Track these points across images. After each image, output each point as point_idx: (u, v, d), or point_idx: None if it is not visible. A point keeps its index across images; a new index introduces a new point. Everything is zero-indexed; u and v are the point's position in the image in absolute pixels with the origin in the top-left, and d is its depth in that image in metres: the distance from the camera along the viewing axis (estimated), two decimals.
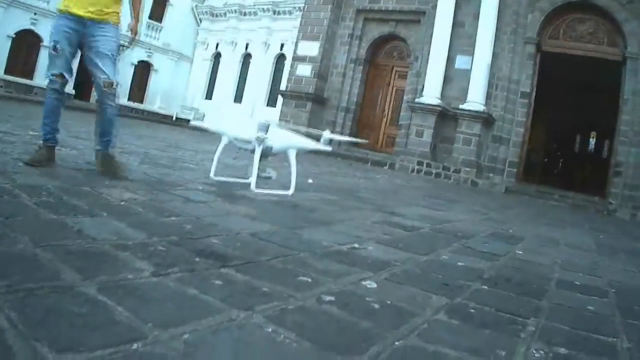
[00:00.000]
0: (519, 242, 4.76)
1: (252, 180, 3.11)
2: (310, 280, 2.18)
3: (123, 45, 4.56)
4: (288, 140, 3.39)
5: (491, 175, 17.62)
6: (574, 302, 2.67)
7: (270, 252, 2.54)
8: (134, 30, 4.62)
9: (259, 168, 3.47)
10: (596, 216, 13.36)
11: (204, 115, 5.80)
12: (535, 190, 17.27)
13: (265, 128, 3.01)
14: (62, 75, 4.17)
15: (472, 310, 2.16)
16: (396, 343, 1.64)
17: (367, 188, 8.14)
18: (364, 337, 1.64)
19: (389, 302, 2.06)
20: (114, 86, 4.17)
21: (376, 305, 1.99)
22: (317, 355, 1.44)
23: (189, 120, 30.73)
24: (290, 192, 3.46)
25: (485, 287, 2.63)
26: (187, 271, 1.98)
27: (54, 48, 4.09)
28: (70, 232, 2.29)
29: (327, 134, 3.51)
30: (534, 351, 1.79)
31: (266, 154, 3.33)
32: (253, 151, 3.22)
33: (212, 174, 3.48)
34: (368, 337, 1.64)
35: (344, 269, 2.47)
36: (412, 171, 17.51)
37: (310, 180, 6.65)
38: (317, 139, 4.17)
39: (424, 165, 17.61)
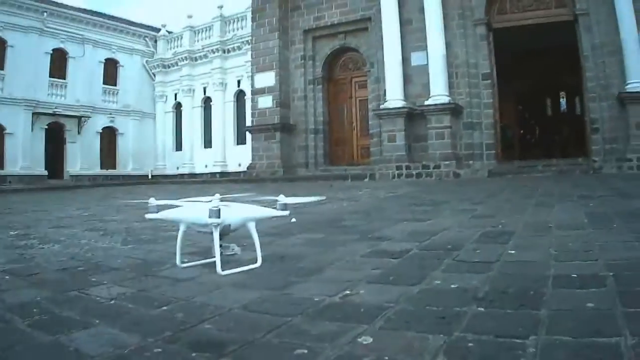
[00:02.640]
0: (510, 238, 4.78)
1: (217, 263, 3.10)
2: (306, 351, 2.16)
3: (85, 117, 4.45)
4: (243, 214, 3.37)
5: (471, 162, 17.77)
6: (573, 301, 2.66)
7: (264, 326, 2.51)
8: None
9: (221, 246, 3.46)
10: (583, 178, 13.45)
11: (157, 207, 5.86)
12: (517, 167, 17.45)
13: (217, 212, 3.01)
14: None
15: (471, 344, 2.15)
16: None
17: (351, 212, 8.13)
18: None
19: (386, 358, 2.06)
20: None
21: None
22: None
23: (165, 176, 30.76)
24: (258, 264, 3.45)
25: (482, 309, 2.62)
26: None
27: None
28: (68, 354, 2.25)
29: (281, 199, 3.51)
30: None
31: (226, 232, 3.32)
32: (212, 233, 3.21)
33: (178, 263, 3.47)
34: None
35: (339, 328, 2.45)
36: (393, 177, 17.61)
37: (293, 220, 6.63)
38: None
39: (403, 168, 17.73)
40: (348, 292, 3.13)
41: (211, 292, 3.29)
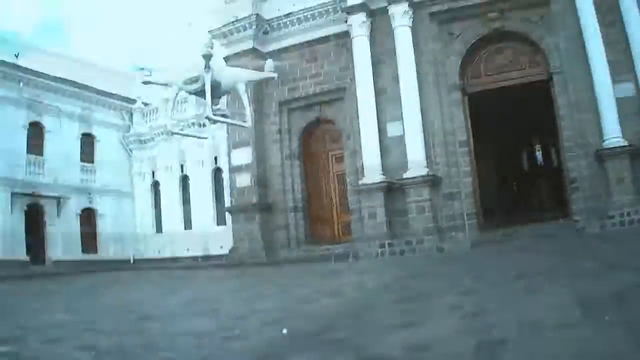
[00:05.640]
0: (507, 347, 4.66)
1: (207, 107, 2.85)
2: None
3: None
4: (235, 76, 3.17)
5: (453, 234, 17.60)
6: None
7: None
8: None
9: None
10: (568, 242, 13.47)
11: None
12: (502, 235, 17.30)
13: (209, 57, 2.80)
14: None
15: None
16: None
17: (341, 312, 7.81)
18: None
19: None
20: None
21: None
22: None
23: (147, 260, 30.26)
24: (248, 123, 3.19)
25: None
26: None
27: None
28: None
29: (269, 63, 3.31)
30: None
31: (216, 88, 3.11)
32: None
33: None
34: None
35: None
36: (376, 255, 17.33)
37: (284, 331, 6.42)
38: None
39: (386, 246, 17.44)
40: None
41: None
